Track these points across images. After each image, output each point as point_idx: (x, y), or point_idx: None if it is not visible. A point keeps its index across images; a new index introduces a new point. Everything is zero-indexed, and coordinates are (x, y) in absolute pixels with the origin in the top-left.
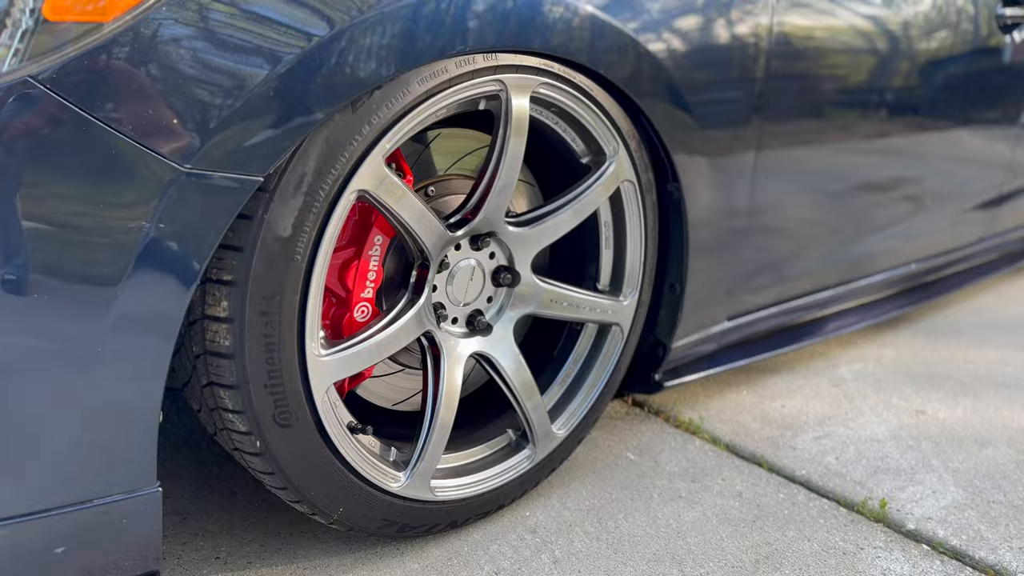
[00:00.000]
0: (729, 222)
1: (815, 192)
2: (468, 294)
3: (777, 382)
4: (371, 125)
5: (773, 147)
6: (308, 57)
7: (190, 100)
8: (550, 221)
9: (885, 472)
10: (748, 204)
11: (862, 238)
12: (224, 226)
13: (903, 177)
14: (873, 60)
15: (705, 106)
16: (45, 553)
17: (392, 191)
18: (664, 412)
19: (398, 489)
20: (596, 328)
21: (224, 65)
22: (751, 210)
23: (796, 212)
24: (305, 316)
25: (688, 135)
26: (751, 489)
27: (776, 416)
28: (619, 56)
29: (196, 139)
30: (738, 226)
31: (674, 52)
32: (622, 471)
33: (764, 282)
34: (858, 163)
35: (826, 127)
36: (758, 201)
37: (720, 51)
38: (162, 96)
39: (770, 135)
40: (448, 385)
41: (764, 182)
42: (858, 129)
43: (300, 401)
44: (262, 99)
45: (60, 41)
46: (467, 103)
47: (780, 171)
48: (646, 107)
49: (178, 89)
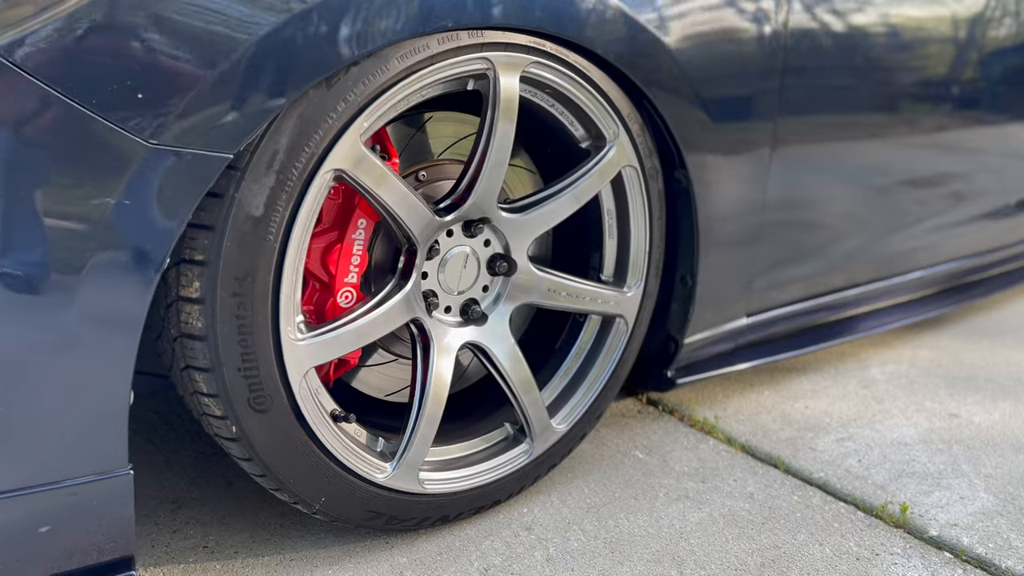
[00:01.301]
0: (744, 213)
1: (843, 184)
2: (462, 282)
3: (802, 382)
4: (347, 102)
5: (793, 134)
6: (279, 31)
7: (155, 74)
8: (545, 207)
9: (910, 476)
10: (765, 195)
11: (896, 234)
12: (193, 204)
13: (942, 172)
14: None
15: (715, 86)
16: (32, 531)
17: (371, 172)
18: (679, 411)
19: (383, 480)
20: (600, 320)
21: (190, 39)
22: (769, 201)
23: (821, 205)
24: (279, 298)
25: (696, 119)
26: (763, 491)
27: (798, 417)
28: (616, 35)
29: (162, 114)
30: (755, 217)
31: (677, 29)
32: (628, 469)
33: (787, 278)
34: (893, 156)
35: (853, 116)
36: (777, 192)
37: (730, 25)
38: (126, 70)
39: (790, 121)
40: (437, 375)
41: (783, 172)
42: (893, 119)
43: (276, 386)
44: (230, 74)
45: (23, 15)
46: (453, 82)
47: (802, 161)
48: (648, 88)
49: (143, 63)
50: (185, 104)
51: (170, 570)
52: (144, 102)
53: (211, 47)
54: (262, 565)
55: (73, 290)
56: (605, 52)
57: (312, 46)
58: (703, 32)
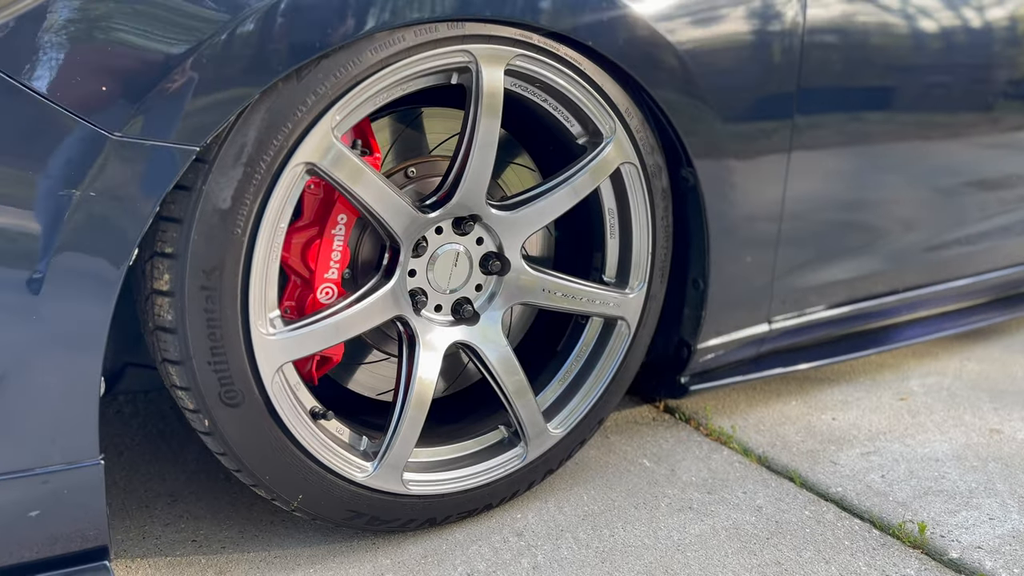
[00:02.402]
0: (760, 215)
1: (877, 183)
2: (452, 281)
3: (833, 393)
4: (317, 95)
5: (815, 133)
6: (246, 22)
7: (119, 66)
8: (536, 205)
9: (936, 494)
10: (785, 196)
11: (940, 237)
12: (159, 197)
13: (1004, 172)
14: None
15: (722, 81)
16: (22, 515)
17: (345, 167)
18: (696, 419)
19: (364, 479)
20: (601, 323)
21: (155, 30)
22: (790, 203)
23: (850, 207)
24: (248, 292)
25: (702, 114)
26: (773, 504)
27: (823, 429)
28: (609, 27)
29: (126, 106)
30: (773, 219)
31: (677, 20)
32: (633, 477)
33: (814, 283)
34: (940, 154)
35: (886, 112)
36: (798, 193)
37: (738, 14)
38: (90, 61)
39: (811, 120)
40: (421, 375)
41: (804, 172)
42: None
43: (247, 380)
44: (195, 66)
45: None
46: (434, 76)
47: (825, 161)
48: (646, 83)
49: (107, 54)
50: (149, 96)
51: (156, 562)
52: (108, 94)
53: (176, 39)
54: (246, 561)
55: (38, 283)
56: (597, 45)
57: (280, 38)
58: (706, 21)
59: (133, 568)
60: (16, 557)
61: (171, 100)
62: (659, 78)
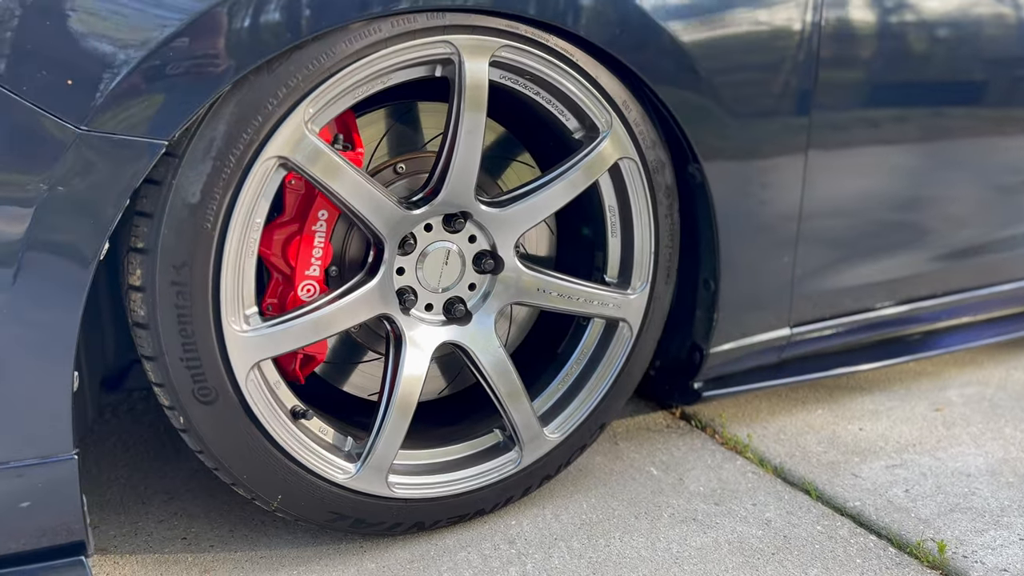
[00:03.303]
0: (776, 212)
1: (915, 181)
2: (444, 279)
3: (862, 402)
4: (288, 87)
5: (835, 129)
6: (213, 12)
7: (84, 58)
8: (527, 202)
9: (964, 511)
10: (803, 193)
11: (989, 237)
12: (127, 191)
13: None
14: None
15: (730, 73)
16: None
17: (320, 162)
18: (712, 427)
19: (346, 481)
20: (603, 325)
21: (120, 21)
22: (809, 200)
23: (883, 204)
24: (219, 288)
25: (708, 108)
26: (783, 517)
27: (848, 439)
28: (601, 15)
29: (91, 99)
30: (790, 218)
31: (677, 7)
32: (637, 486)
33: (841, 285)
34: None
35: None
36: (819, 191)
37: None
38: (55, 54)
39: (830, 116)
40: (407, 375)
41: (824, 169)
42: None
43: (220, 378)
44: (161, 58)
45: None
46: (416, 68)
47: (848, 158)
48: (645, 74)
49: (71, 46)
50: (115, 89)
51: (143, 559)
52: (74, 88)
53: (143, 29)
54: (232, 561)
55: (6, 278)
56: (589, 35)
57: (250, 28)
58: (708, 8)
59: (120, 563)
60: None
61: (137, 93)
62: (658, 69)
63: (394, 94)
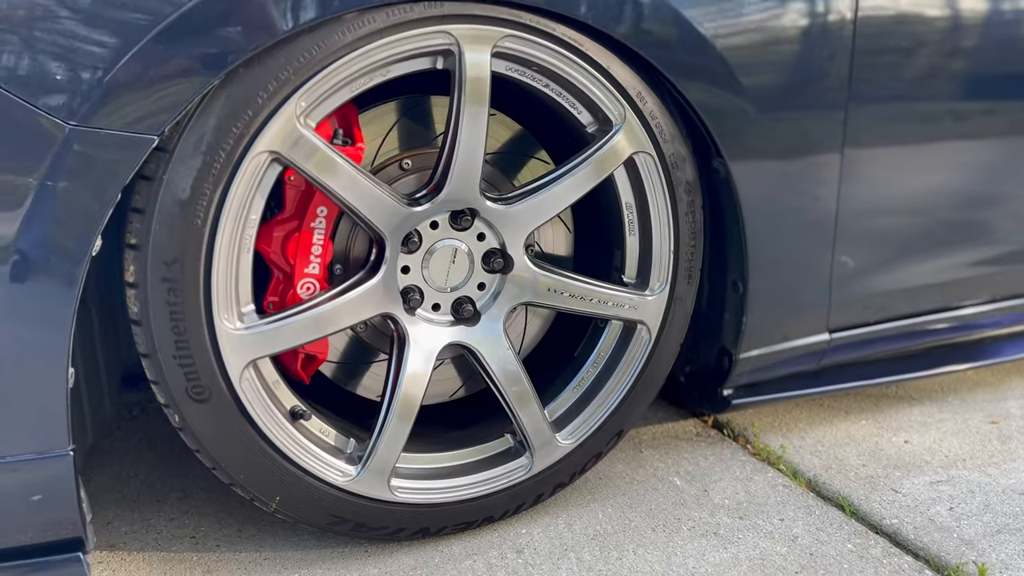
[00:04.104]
0: (807, 209)
1: (961, 174)
2: (451, 279)
3: (911, 413)
4: (279, 80)
5: (874, 123)
6: (203, 4)
7: (73, 53)
8: (536, 199)
9: (1013, 532)
10: (839, 189)
11: None
12: (118, 187)
13: None
14: None
15: (756, 62)
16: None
17: (314, 157)
18: (745, 436)
19: (345, 484)
20: (621, 327)
21: (109, 16)
22: (847, 197)
23: (934, 201)
24: (211, 285)
25: (731, 97)
26: (812, 534)
27: (891, 452)
28: (611, 1)
29: (81, 95)
30: (824, 215)
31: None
32: (659, 496)
33: (888, 287)
34: None
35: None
36: (859, 182)
37: None
38: (43, 49)
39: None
40: (410, 376)
41: (863, 164)
42: None
43: (213, 376)
44: (150, 53)
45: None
46: (416, 60)
47: (892, 142)
48: (662, 65)
49: (60, 42)
50: (104, 85)
51: (150, 557)
52: (62, 83)
53: (131, 23)
54: (235, 561)
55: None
56: (598, 23)
57: (239, 20)
58: None
59: (127, 560)
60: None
61: (126, 88)
62: (676, 60)
63: (406, 88)
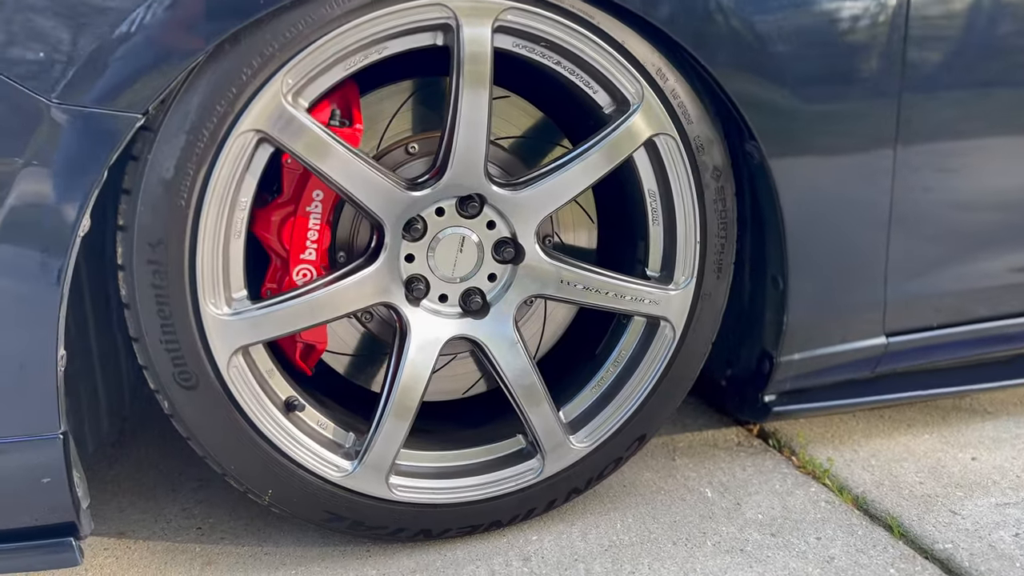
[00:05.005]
0: (856, 198)
1: None
2: (459, 268)
3: (983, 428)
4: (264, 56)
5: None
6: None
7: (55, 28)
8: (546, 184)
9: None
10: (894, 174)
11: None
12: (102, 166)
13: None
14: None
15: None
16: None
17: (303, 137)
18: (790, 447)
19: (340, 479)
20: (644, 324)
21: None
22: (902, 185)
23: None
24: (196, 268)
25: (762, 70)
26: (851, 556)
27: (954, 470)
28: None
29: (63, 71)
30: (876, 204)
31: None
32: (686, 508)
33: (951, 287)
34: None
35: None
36: (914, 176)
37: None
38: (26, 26)
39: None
40: (410, 368)
41: (920, 148)
42: None
43: (200, 362)
44: (132, 30)
45: None
46: (412, 36)
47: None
48: (682, 35)
49: (44, 19)
50: (86, 62)
51: (154, 546)
52: (44, 60)
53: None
54: (236, 555)
55: None
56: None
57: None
58: None
59: (132, 548)
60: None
61: (109, 64)
62: (700, 33)
63: (424, 68)
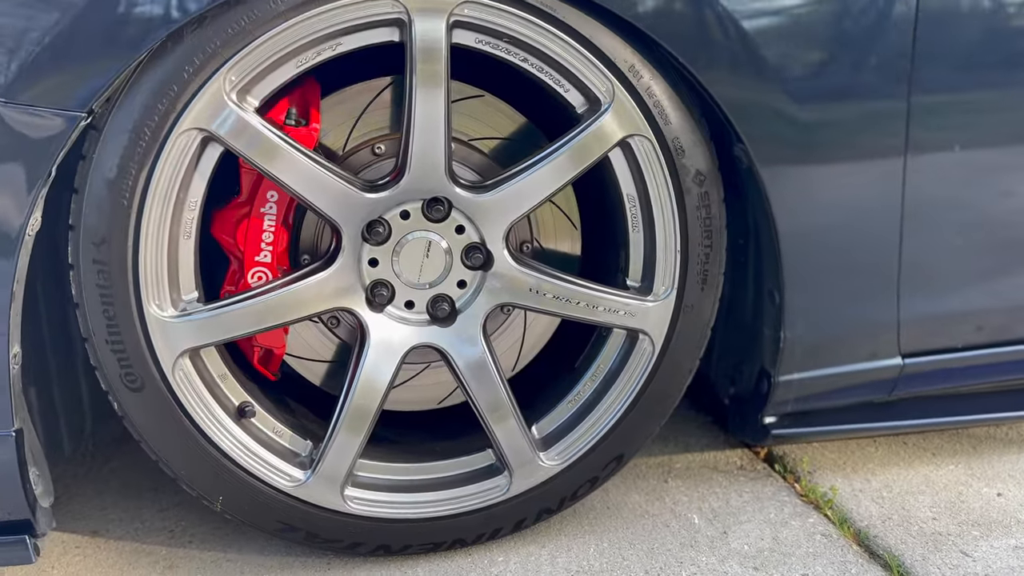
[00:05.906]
0: (860, 207)
1: None
2: (425, 274)
3: (1017, 461)
4: (205, 53)
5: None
6: None
7: None
8: (513, 187)
9: None
10: (904, 183)
11: None
12: (47, 164)
13: None
14: None
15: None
16: None
17: (246, 135)
18: (796, 473)
19: (292, 489)
20: (624, 337)
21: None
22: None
23: None
24: (139, 268)
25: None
26: None
27: (975, 506)
28: None
29: (7, 70)
30: (884, 215)
31: None
32: (667, 535)
33: (976, 305)
34: None
35: None
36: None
37: None
38: None
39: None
40: (366, 377)
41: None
42: None
43: (145, 365)
44: (75, 25)
45: None
46: (368, 32)
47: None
48: (654, 29)
49: None
50: (29, 60)
51: (122, 547)
52: None
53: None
54: (199, 560)
55: None
56: None
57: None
58: None
59: (102, 547)
60: None
61: (51, 62)
62: (675, 26)
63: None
